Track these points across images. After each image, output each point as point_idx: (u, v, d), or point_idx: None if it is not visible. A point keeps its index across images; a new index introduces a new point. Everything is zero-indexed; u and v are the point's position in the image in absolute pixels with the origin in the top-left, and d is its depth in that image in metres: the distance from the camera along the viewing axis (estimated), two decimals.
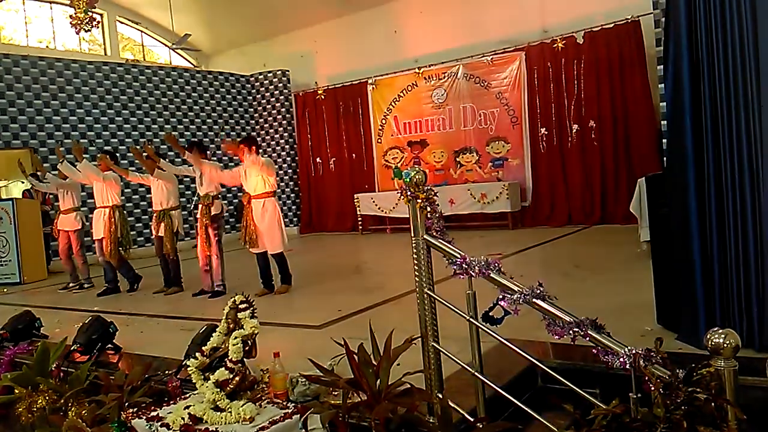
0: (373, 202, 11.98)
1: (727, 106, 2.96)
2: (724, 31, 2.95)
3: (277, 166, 13.51)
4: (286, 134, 13.83)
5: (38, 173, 8.39)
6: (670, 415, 1.75)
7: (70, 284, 8.11)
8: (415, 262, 2.66)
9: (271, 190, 6.34)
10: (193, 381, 3.01)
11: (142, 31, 15.49)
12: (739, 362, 1.92)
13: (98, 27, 12.97)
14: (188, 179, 10.54)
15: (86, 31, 10.67)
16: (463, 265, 2.46)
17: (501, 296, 2.32)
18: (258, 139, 13.92)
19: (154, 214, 7.25)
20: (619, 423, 1.84)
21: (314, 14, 13.07)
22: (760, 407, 2.35)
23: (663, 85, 4.95)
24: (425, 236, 2.61)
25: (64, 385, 3.58)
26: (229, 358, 2.90)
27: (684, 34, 3.12)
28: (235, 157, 9.72)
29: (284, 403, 2.85)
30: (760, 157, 2.89)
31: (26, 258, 9.19)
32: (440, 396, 2.54)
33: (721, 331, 1.91)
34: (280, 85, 13.83)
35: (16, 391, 3.69)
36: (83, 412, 3.28)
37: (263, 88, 13.94)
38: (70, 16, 10.52)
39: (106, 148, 11.50)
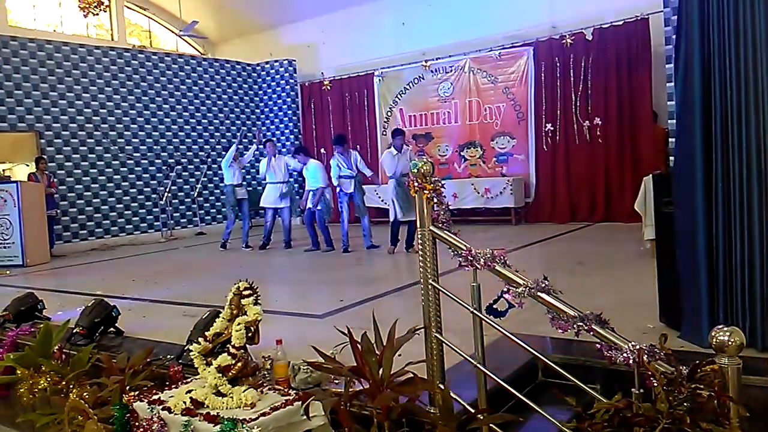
0: (376, 194, 11.96)
1: (737, 105, 2.95)
2: (736, 28, 2.93)
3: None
4: (291, 124, 13.81)
5: None
6: (673, 411, 1.75)
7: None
8: (421, 252, 2.66)
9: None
10: (196, 366, 3.02)
11: (149, 17, 15.45)
12: (742, 361, 1.93)
13: (106, 12, 12.97)
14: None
15: (94, 15, 10.66)
16: (469, 257, 2.46)
17: (506, 289, 2.33)
18: (263, 127, 13.94)
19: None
20: (622, 417, 1.84)
21: (322, 4, 13.01)
22: (761, 406, 2.35)
23: (671, 84, 4.95)
24: (431, 227, 2.61)
25: (66, 367, 3.59)
26: (232, 343, 2.90)
27: (696, 31, 3.10)
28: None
29: (286, 390, 2.85)
30: None
31: (29, 241, 9.19)
32: (442, 386, 2.54)
33: (726, 328, 1.92)
34: (287, 74, 13.80)
35: (18, 371, 3.70)
36: (85, 394, 3.29)
37: (269, 77, 13.92)
38: (79, 0, 10.50)
39: (110, 133, 11.57)
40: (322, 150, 13.47)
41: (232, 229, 9.60)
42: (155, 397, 2.88)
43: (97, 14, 10.81)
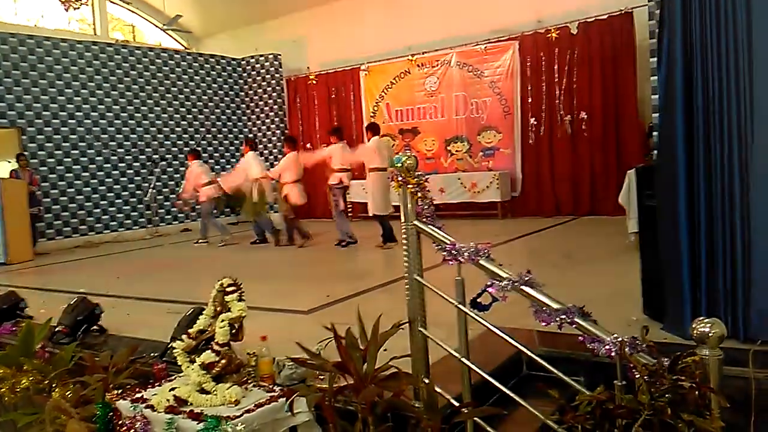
0: (363, 189, 11.93)
1: (719, 98, 2.97)
2: (718, 22, 2.95)
3: (266, 152, 13.48)
4: (276, 119, 13.73)
5: None
6: (654, 402, 1.76)
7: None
8: (405, 247, 2.65)
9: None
10: (179, 363, 2.99)
11: (132, 11, 15.27)
12: (723, 352, 1.94)
13: (87, 6, 12.78)
14: None
15: (75, 9, 10.51)
16: (453, 251, 2.45)
17: (490, 283, 2.32)
18: (249, 122, 13.85)
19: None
20: (604, 409, 1.85)
21: None
22: (742, 397, 2.37)
23: (655, 77, 4.96)
24: (415, 222, 2.60)
25: (49, 365, 3.55)
26: (216, 341, 2.88)
27: (678, 24, 3.12)
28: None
29: (270, 387, 2.84)
30: (750, 148, 2.90)
31: (12, 238, 9.06)
32: (426, 381, 2.54)
33: (707, 320, 1.93)
34: (272, 69, 13.72)
35: (0, 371, 3.65)
36: (67, 393, 3.24)
37: (254, 72, 13.82)
38: None
39: (94, 129, 11.44)
40: (308, 145, 13.42)
41: (216, 224, 10.01)
42: (138, 395, 2.85)
43: (78, 8, 10.66)
